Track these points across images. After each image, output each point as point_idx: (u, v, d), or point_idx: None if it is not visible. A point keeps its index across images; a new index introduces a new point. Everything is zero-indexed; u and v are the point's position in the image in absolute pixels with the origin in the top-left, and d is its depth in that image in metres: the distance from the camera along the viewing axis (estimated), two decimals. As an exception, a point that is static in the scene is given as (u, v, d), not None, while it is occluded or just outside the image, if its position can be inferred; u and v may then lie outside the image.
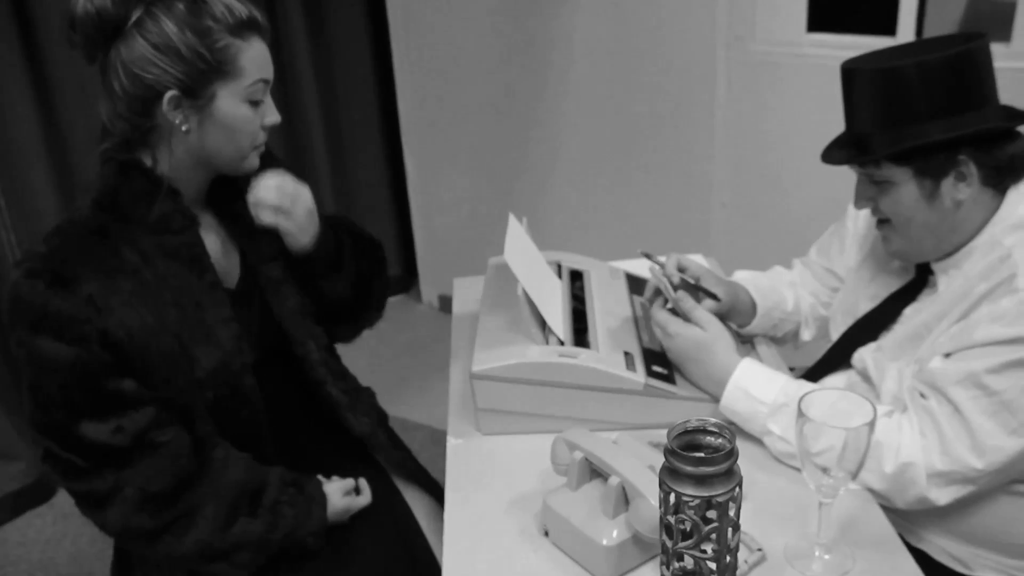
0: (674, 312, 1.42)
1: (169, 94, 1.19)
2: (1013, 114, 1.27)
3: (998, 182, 1.27)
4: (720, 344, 1.36)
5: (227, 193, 1.37)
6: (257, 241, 1.39)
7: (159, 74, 1.18)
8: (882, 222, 1.36)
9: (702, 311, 1.40)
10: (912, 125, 1.24)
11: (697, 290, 1.49)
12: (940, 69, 1.22)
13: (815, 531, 1.14)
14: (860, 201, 1.36)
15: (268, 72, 1.27)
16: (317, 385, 1.44)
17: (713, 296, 1.48)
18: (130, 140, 1.24)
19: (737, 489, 0.93)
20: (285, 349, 1.41)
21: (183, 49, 1.18)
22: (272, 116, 1.29)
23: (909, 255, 1.38)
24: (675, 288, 1.45)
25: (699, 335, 1.37)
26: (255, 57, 1.24)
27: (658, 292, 1.48)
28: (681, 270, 1.51)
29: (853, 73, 1.29)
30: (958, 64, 1.23)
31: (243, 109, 1.25)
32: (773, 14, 2.57)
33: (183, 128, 1.22)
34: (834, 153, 1.35)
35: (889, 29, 2.46)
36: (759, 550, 1.14)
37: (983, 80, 1.25)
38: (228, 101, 1.23)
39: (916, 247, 1.34)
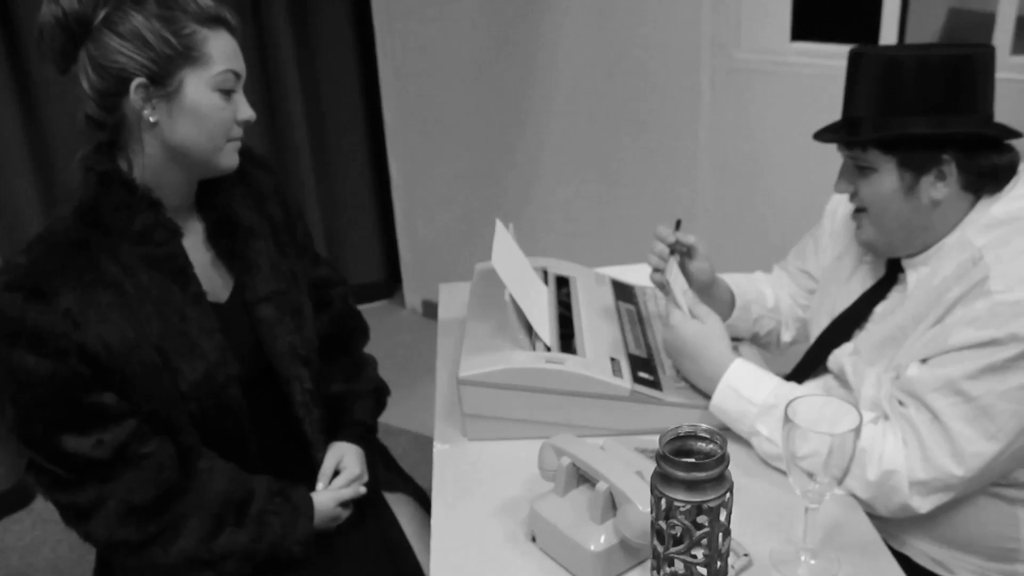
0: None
1: (136, 82, 1.17)
2: (1004, 128, 1.29)
3: (977, 188, 1.29)
4: (716, 341, 1.37)
5: (215, 202, 1.36)
6: (253, 277, 1.37)
7: (125, 62, 1.16)
8: (859, 211, 1.38)
9: (704, 306, 1.42)
10: (902, 116, 1.27)
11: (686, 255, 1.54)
12: (938, 67, 1.25)
13: (801, 536, 1.15)
14: (841, 183, 1.38)
15: (238, 65, 1.25)
16: (296, 419, 1.43)
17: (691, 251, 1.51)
18: (103, 144, 1.23)
19: (728, 494, 0.93)
20: (272, 367, 1.40)
21: (149, 36, 1.16)
22: (246, 112, 1.27)
23: (878, 247, 1.39)
24: (672, 252, 1.48)
25: (697, 328, 1.38)
26: (223, 47, 1.22)
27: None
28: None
29: (858, 57, 1.31)
30: (957, 66, 1.25)
31: (213, 97, 1.22)
32: (757, 22, 2.58)
33: (151, 119, 1.20)
34: (826, 133, 1.37)
35: (872, 38, 2.49)
36: (746, 555, 1.14)
37: (977, 87, 1.26)
38: (197, 89, 1.21)
39: (887, 239, 1.36)
